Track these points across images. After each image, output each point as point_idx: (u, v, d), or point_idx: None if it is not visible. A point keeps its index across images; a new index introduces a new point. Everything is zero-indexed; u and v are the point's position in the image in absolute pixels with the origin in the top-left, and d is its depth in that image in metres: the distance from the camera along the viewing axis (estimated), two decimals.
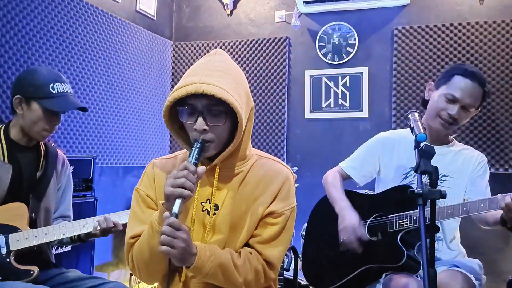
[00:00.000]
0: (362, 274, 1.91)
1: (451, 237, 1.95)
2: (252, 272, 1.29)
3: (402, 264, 1.78)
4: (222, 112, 1.22)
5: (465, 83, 1.85)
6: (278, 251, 1.33)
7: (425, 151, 1.38)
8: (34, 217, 1.87)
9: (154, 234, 1.21)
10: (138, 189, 1.39)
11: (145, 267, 1.29)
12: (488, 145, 3.28)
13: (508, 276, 2.64)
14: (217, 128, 1.24)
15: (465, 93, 1.84)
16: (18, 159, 1.86)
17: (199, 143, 1.22)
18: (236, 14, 4.06)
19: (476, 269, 1.85)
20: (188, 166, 1.16)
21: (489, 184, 1.97)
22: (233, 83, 1.24)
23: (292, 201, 1.36)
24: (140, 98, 3.73)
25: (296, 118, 3.86)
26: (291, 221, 1.36)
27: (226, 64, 1.28)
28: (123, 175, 3.59)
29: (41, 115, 1.81)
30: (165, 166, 1.39)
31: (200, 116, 1.22)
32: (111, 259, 3.48)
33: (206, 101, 1.20)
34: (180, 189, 1.14)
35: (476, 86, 1.85)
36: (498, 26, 3.31)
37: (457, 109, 1.85)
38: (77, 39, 3.08)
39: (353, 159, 2.14)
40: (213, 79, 1.20)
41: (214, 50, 1.33)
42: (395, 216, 1.87)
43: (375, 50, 3.67)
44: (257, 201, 1.32)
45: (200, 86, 1.17)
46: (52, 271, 1.90)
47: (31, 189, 1.88)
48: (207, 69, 1.23)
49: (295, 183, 1.42)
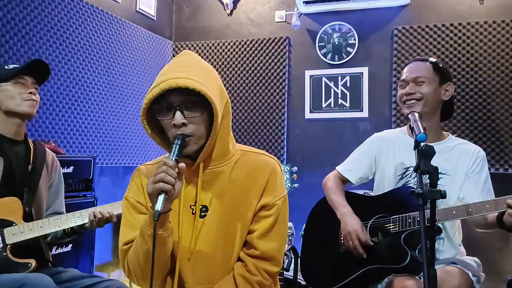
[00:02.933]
0: (363, 275, 1.90)
1: (452, 237, 1.94)
2: (256, 287, 1.30)
3: (406, 265, 1.77)
4: (198, 103, 1.22)
5: (408, 67, 2.01)
6: (276, 243, 1.33)
7: (425, 151, 1.38)
8: (28, 211, 1.88)
9: (146, 238, 1.20)
10: (128, 197, 1.38)
11: (141, 273, 1.28)
12: (488, 145, 3.28)
13: (508, 276, 2.64)
14: (195, 120, 1.23)
15: (408, 71, 1.98)
16: (8, 152, 1.88)
17: (179, 139, 1.21)
18: (236, 14, 4.07)
19: (473, 265, 1.85)
20: (167, 162, 1.16)
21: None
22: (205, 76, 1.24)
23: (282, 190, 1.35)
24: (140, 98, 3.73)
25: (296, 118, 3.86)
26: (284, 211, 1.35)
27: (195, 61, 1.29)
28: (123, 175, 3.59)
29: (12, 89, 1.86)
30: (150, 171, 1.37)
31: (177, 110, 1.21)
32: (111, 259, 3.48)
33: (181, 95, 1.21)
34: (161, 183, 1.13)
35: (418, 63, 1.99)
36: (498, 26, 3.31)
37: (410, 87, 1.95)
38: (77, 39, 3.08)
39: (349, 162, 2.15)
40: (184, 73, 1.20)
41: (182, 52, 1.35)
42: (398, 217, 1.86)
43: (375, 50, 3.67)
44: (247, 196, 1.32)
45: (173, 81, 1.18)
46: (50, 270, 1.90)
47: (24, 183, 1.89)
48: (177, 66, 1.25)
49: (283, 173, 1.41)
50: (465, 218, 1.74)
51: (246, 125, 3.94)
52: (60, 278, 1.86)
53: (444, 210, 1.74)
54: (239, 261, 1.34)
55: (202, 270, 1.31)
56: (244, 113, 3.94)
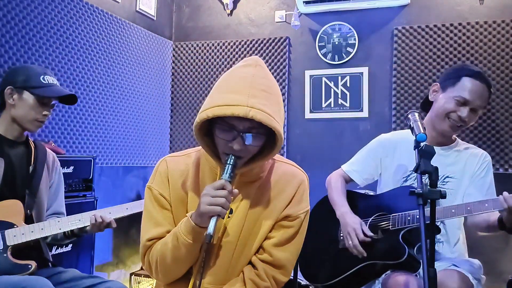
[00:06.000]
0: (361, 271, 1.91)
1: (455, 240, 1.94)
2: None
3: (403, 261, 1.78)
4: (261, 135, 1.21)
5: (475, 85, 1.82)
6: (290, 253, 1.34)
7: (425, 151, 1.38)
8: (30, 213, 1.88)
9: (180, 245, 1.22)
10: (151, 187, 1.35)
11: (164, 271, 1.30)
12: (488, 145, 3.28)
13: (508, 276, 2.64)
14: (253, 149, 1.23)
15: (476, 94, 1.82)
16: (9, 154, 1.88)
17: (233, 159, 1.20)
18: (236, 14, 4.06)
19: (474, 268, 1.84)
20: (227, 186, 1.16)
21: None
22: (276, 105, 1.20)
23: (307, 204, 1.37)
24: (140, 98, 3.73)
25: (296, 118, 3.86)
26: (304, 224, 1.36)
27: (268, 81, 1.22)
28: (123, 175, 3.59)
29: (32, 104, 1.85)
30: (178, 164, 1.36)
31: (239, 137, 1.18)
32: (111, 259, 3.48)
33: (249, 123, 1.16)
34: (220, 208, 1.14)
35: (484, 87, 1.83)
36: (498, 26, 3.31)
37: (467, 112, 1.83)
38: (77, 39, 3.08)
39: (354, 162, 2.13)
40: (259, 101, 1.14)
41: (253, 60, 1.25)
42: (398, 214, 1.86)
43: (375, 50, 3.67)
44: (272, 204, 1.32)
45: (249, 111, 1.11)
46: (50, 270, 1.90)
47: (25, 184, 1.89)
48: (253, 87, 1.16)
49: (308, 187, 1.41)
50: (464, 216, 1.75)
51: None
52: (60, 279, 1.86)
53: (444, 208, 1.73)
54: (249, 264, 1.34)
55: (217, 270, 1.32)
56: None
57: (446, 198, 1.32)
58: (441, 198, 1.29)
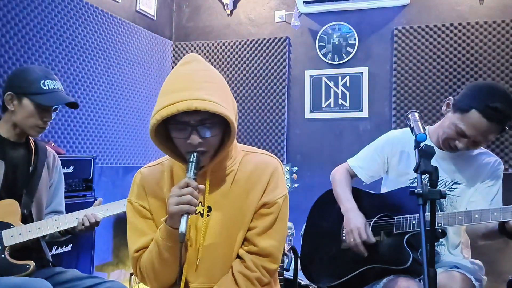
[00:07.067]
0: (363, 274, 1.89)
1: (455, 243, 1.91)
2: (255, 283, 1.32)
3: (407, 267, 1.75)
4: (216, 124, 1.22)
5: (481, 123, 1.69)
6: (275, 240, 1.34)
7: (425, 151, 1.38)
8: (26, 213, 1.88)
9: (162, 250, 1.25)
10: (131, 200, 1.38)
11: (154, 276, 1.33)
12: (488, 145, 3.28)
13: (508, 276, 2.64)
14: (212, 139, 1.24)
15: (478, 132, 1.71)
16: (10, 155, 1.87)
17: (195, 156, 1.22)
18: (236, 14, 4.07)
19: (476, 269, 1.83)
20: (191, 183, 1.18)
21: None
22: (222, 92, 1.22)
23: (283, 189, 1.37)
24: (140, 98, 3.73)
25: (296, 118, 3.86)
26: (284, 209, 1.36)
27: (210, 72, 1.25)
28: (123, 175, 3.59)
29: (32, 111, 1.83)
30: (153, 173, 1.39)
31: (193, 131, 1.20)
32: (111, 259, 3.48)
33: (198, 116, 1.18)
34: (187, 206, 1.16)
35: (492, 125, 1.69)
36: (498, 26, 3.31)
37: (465, 143, 1.75)
38: (77, 39, 3.08)
39: (361, 158, 2.08)
40: (203, 92, 1.17)
41: (190, 56, 1.28)
42: (402, 217, 1.83)
43: (375, 50, 3.67)
44: (250, 196, 1.33)
45: (192, 103, 1.14)
46: (50, 270, 1.90)
47: (24, 185, 1.89)
48: (193, 81, 1.20)
49: (284, 172, 1.43)
50: (472, 224, 1.68)
51: (246, 125, 3.94)
52: (60, 279, 1.86)
53: (450, 214, 1.71)
54: (237, 258, 1.36)
55: (204, 269, 1.33)
56: (244, 113, 3.94)
57: (450, 202, 1.31)
58: (441, 198, 1.29)
